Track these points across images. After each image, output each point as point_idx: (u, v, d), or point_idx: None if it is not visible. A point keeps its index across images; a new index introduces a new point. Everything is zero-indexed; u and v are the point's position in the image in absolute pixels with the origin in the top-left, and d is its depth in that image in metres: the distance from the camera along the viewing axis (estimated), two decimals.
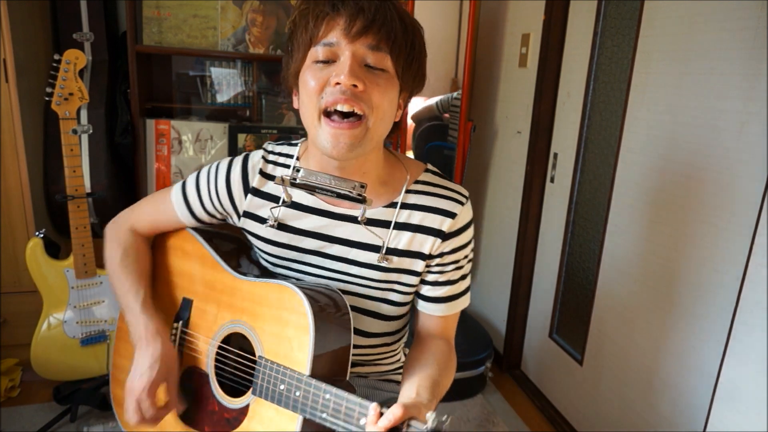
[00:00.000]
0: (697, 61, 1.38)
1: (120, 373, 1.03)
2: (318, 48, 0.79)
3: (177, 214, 0.98)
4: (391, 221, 0.89)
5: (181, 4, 2.02)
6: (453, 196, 0.92)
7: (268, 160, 0.93)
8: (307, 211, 0.90)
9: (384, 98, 0.79)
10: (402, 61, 0.81)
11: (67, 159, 1.60)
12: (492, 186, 2.46)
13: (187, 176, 0.99)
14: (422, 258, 0.90)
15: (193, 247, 0.98)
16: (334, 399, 0.74)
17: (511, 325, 2.28)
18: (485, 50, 2.47)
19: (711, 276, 1.35)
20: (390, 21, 0.78)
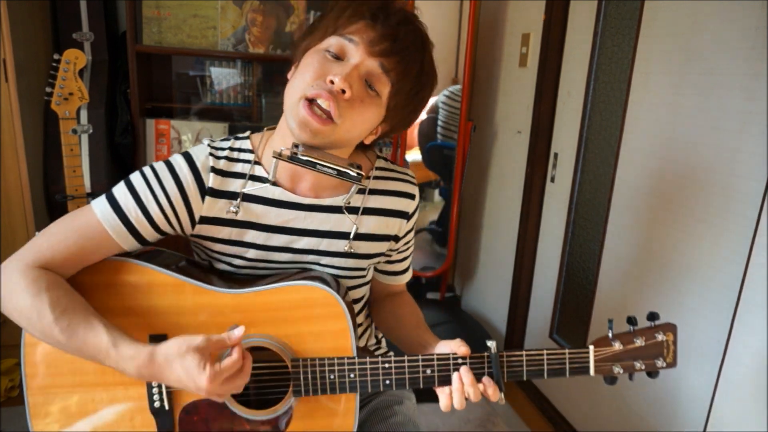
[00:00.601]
0: (697, 61, 1.38)
1: None
2: (336, 39, 0.79)
3: (111, 237, 0.79)
4: (360, 207, 0.91)
5: (181, 4, 2.02)
6: (408, 178, 0.98)
7: (218, 156, 0.85)
8: (274, 204, 0.86)
9: (361, 114, 0.80)
10: (399, 100, 0.82)
11: (67, 159, 1.60)
12: (492, 186, 2.46)
13: (108, 191, 0.82)
14: (392, 240, 0.96)
15: (153, 277, 0.81)
16: (395, 365, 0.82)
17: (511, 325, 2.28)
18: (485, 50, 2.47)
19: (711, 276, 1.35)
20: (412, 61, 0.80)
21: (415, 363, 0.83)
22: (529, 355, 0.87)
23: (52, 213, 2.05)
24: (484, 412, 2.04)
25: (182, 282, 0.82)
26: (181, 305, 0.82)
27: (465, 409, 2.03)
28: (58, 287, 0.77)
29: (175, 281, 0.82)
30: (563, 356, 0.89)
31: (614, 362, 0.90)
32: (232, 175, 0.86)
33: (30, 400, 0.84)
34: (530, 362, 0.87)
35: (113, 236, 0.80)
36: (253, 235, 0.87)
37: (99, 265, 0.82)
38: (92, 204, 0.81)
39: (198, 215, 0.84)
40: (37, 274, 0.77)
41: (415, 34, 0.82)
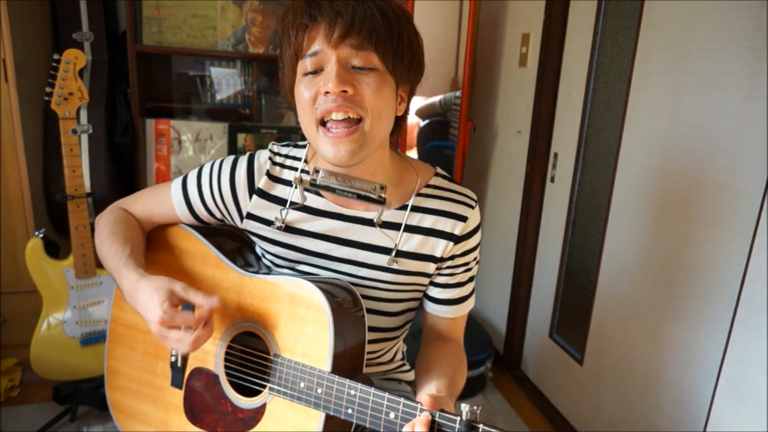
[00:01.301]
0: (697, 61, 1.38)
1: (115, 377, 1.01)
2: (305, 60, 0.79)
3: (174, 208, 0.95)
4: (402, 223, 0.89)
5: (181, 4, 2.02)
6: (463, 200, 0.92)
7: (275, 162, 0.91)
8: (318, 214, 0.89)
9: (378, 97, 0.78)
10: (390, 56, 0.79)
11: (67, 159, 1.60)
12: (492, 186, 2.46)
13: (188, 172, 0.96)
14: (434, 261, 0.91)
15: (192, 245, 0.95)
16: (360, 394, 0.75)
17: (511, 325, 2.28)
18: (485, 50, 2.47)
19: (711, 275, 1.35)
20: (370, 18, 0.77)
21: (380, 401, 0.73)
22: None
23: (52, 213, 2.05)
24: (483, 412, 2.04)
25: (211, 253, 0.93)
26: (206, 274, 0.93)
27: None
28: (124, 221, 0.95)
29: (207, 252, 0.93)
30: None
31: None
32: (281, 181, 0.90)
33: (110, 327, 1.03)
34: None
35: (175, 208, 0.95)
36: (294, 239, 0.90)
37: (170, 228, 0.99)
38: (173, 181, 0.97)
39: (245, 211, 0.91)
40: (117, 210, 0.98)
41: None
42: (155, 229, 0.99)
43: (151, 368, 0.96)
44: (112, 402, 1.01)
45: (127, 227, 0.94)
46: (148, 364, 0.96)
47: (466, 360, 0.96)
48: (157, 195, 0.97)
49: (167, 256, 0.97)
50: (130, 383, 0.98)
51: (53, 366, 1.72)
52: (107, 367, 1.02)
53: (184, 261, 0.96)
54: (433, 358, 0.91)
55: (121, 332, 1.00)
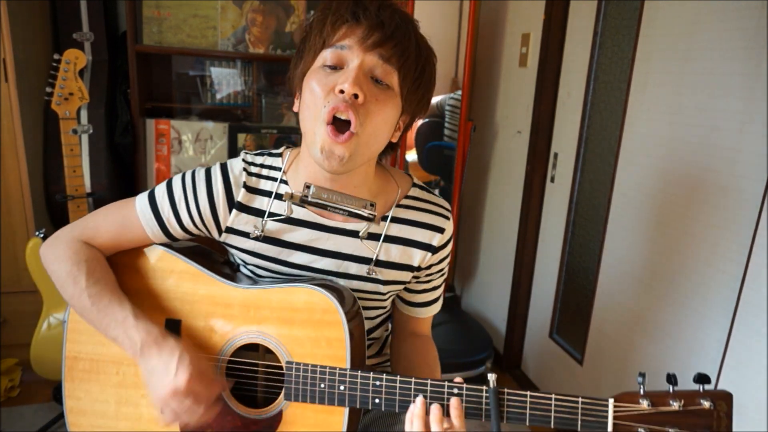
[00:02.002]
0: (697, 61, 1.38)
1: (81, 418, 0.92)
2: (329, 51, 0.78)
3: (145, 231, 0.88)
4: (381, 234, 0.90)
5: (181, 4, 2.02)
6: (440, 211, 0.95)
7: (250, 172, 0.88)
8: (298, 224, 0.88)
9: (380, 114, 0.78)
10: (409, 82, 0.80)
11: (67, 159, 1.60)
12: (492, 186, 2.46)
13: (152, 188, 0.90)
14: (411, 270, 0.94)
15: (167, 263, 0.89)
16: (386, 383, 0.78)
17: (511, 325, 2.28)
18: (485, 50, 2.47)
19: (711, 276, 1.35)
20: (407, 40, 0.79)
21: (407, 386, 0.77)
22: (534, 397, 0.74)
23: (52, 213, 2.05)
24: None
25: (199, 272, 0.88)
26: (195, 293, 0.88)
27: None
28: (95, 261, 0.87)
29: (194, 271, 0.88)
30: (575, 405, 0.74)
31: (639, 424, 0.73)
32: (259, 192, 0.89)
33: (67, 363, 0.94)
34: (535, 406, 0.74)
35: (146, 230, 0.88)
36: (275, 251, 0.89)
37: (138, 250, 0.91)
38: (136, 198, 0.89)
39: (224, 225, 0.89)
40: (79, 247, 0.87)
41: (399, 14, 0.80)
42: (120, 253, 0.92)
43: (132, 399, 0.90)
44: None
45: (104, 273, 0.87)
46: (128, 396, 0.90)
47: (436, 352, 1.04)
48: (120, 220, 0.89)
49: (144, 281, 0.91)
50: (104, 420, 0.91)
51: (53, 366, 1.72)
52: (68, 408, 0.92)
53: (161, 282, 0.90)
54: (412, 357, 0.99)
55: (84, 368, 0.91)
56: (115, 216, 0.89)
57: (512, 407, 0.74)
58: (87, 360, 0.91)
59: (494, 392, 0.74)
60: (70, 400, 0.92)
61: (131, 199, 0.90)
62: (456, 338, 2.23)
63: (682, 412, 0.72)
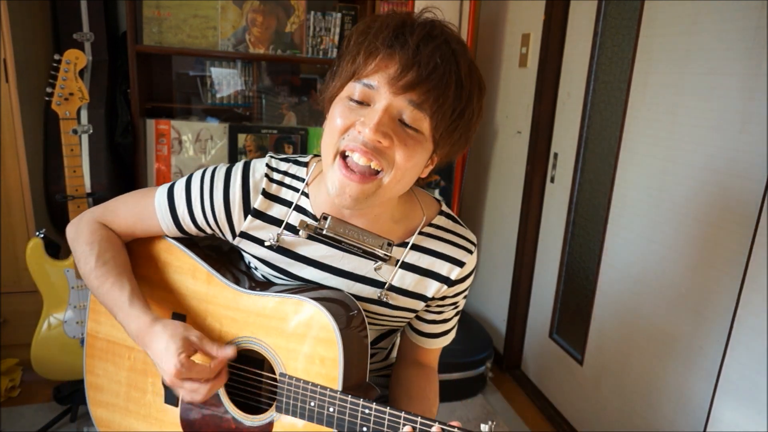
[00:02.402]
0: (697, 61, 1.38)
1: (98, 393, 0.96)
2: (357, 85, 0.72)
3: (159, 224, 0.88)
4: (399, 260, 0.86)
5: (181, 4, 2.02)
6: (464, 244, 0.89)
7: (272, 179, 0.85)
8: (315, 239, 0.85)
9: (408, 160, 0.72)
10: (442, 128, 0.73)
11: (67, 159, 1.60)
12: (492, 186, 2.46)
13: (174, 181, 0.89)
14: (424, 300, 0.90)
15: (179, 259, 0.90)
16: (374, 413, 0.75)
17: (511, 325, 2.28)
18: (485, 50, 2.47)
19: (711, 275, 1.35)
20: (445, 85, 0.70)
21: (397, 419, 0.73)
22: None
23: (52, 213, 2.05)
24: (483, 412, 2.04)
25: (210, 273, 0.88)
26: (203, 292, 0.89)
27: (465, 409, 2.03)
28: (109, 243, 0.88)
29: (205, 271, 0.89)
30: None
31: None
32: (279, 201, 0.85)
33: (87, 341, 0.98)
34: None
35: (161, 224, 0.88)
36: (287, 262, 0.86)
37: (153, 240, 0.92)
38: (157, 191, 0.89)
39: (239, 230, 0.86)
40: (96, 227, 0.90)
41: (441, 49, 0.70)
42: (138, 242, 0.93)
43: (140, 385, 0.92)
44: (98, 419, 0.97)
45: (117, 254, 0.88)
46: (136, 380, 0.93)
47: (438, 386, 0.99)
48: (139, 209, 0.89)
49: (152, 270, 0.93)
50: (117, 400, 0.95)
51: (54, 366, 1.72)
52: (87, 382, 0.97)
53: (170, 275, 0.91)
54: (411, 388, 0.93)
55: (101, 347, 0.96)
56: (135, 204, 0.90)
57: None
58: (104, 340, 0.96)
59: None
60: (90, 375, 0.97)
61: (153, 189, 0.90)
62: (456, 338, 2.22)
63: None
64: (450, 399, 2.09)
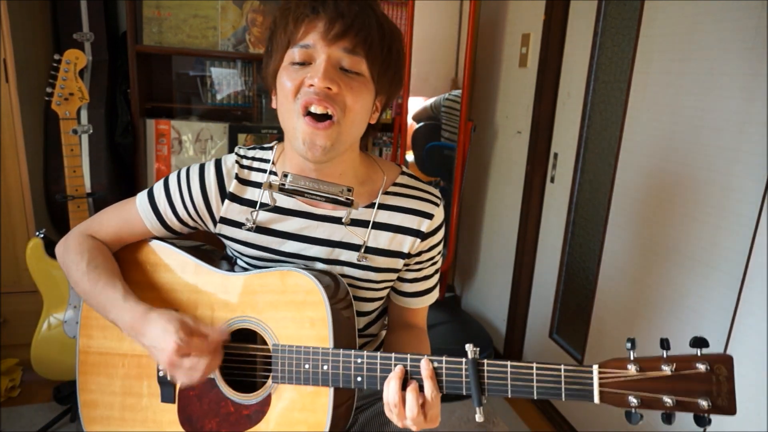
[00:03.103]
0: (697, 61, 1.38)
1: (92, 410, 0.95)
2: (295, 50, 0.80)
3: (144, 224, 0.93)
4: (370, 221, 0.91)
5: (181, 4, 2.02)
6: (429, 197, 0.95)
7: (242, 165, 0.92)
8: (288, 213, 0.90)
9: (357, 101, 0.80)
10: (377, 66, 0.82)
11: (67, 159, 1.60)
12: (492, 186, 2.46)
13: (152, 184, 0.95)
14: (402, 257, 0.94)
15: (168, 257, 0.93)
16: (367, 360, 0.78)
17: (511, 325, 2.28)
18: (485, 50, 2.47)
19: (711, 275, 1.35)
20: (368, 26, 0.79)
21: (388, 361, 0.77)
22: (515, 367, 0.71)
23: (52, 213, 2.05)
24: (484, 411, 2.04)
25: (196, 264, 0.92)
26: (192, 284, 0.91)
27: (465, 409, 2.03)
28: (98, 250, 0.92)
29: (192, 263, 0.92)
30: (558, 374, 0.70)
31: (628, 391, 0.68)
32: (251, 183, 0.91)
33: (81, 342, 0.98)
34: (516, 376, 0.71)
35: (146, 223, 0.93)
36: (266, 240, 0.91)
37: (141, 245, 0.96)
38: (137, 196, 0.95)
39: (218, 216, 0.92)
40: (84, 239, 0.94)
41: (357, 1, 0.81)
42: (126, 249, 0.97)
43: (135, 390, 0.93)
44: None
45: (106, 260, 0.92)
46: (131, 386, 0.94)
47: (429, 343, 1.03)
48: (122, 215, 0.95)
49: (143, 274, 0.95)
50: (112, 412, 0.95)
51: (54, 366, 1.72)
52: (81, 401, 0.97)
53: (156, 275, 0.94)
54: (404, 343, 0.97)
55: (94, 362, 0.96)
56: (118, 212, 0.95)
57: (493, 379, 0.73)
58: (96, 354, 0.96)
59: (473, 363, 0.73)
60: (84, 393, 0.96)
61: (133, 198, 0.95)
62: (456, 338, 2.23)
63: (676, 377, 0.66)
64: (450, 399, 2.09)
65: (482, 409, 0.73)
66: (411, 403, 0.74)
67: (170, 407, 0.91)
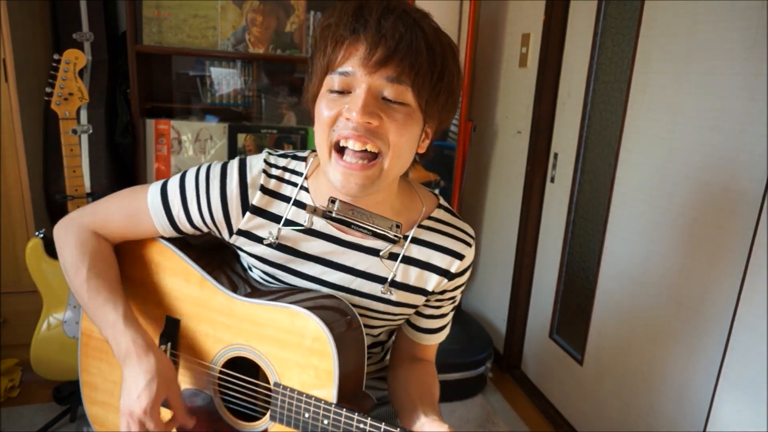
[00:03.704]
0: (697, 61, 1.38)
1: (92, 391, 0.96)
2: (334, 77, 0.73)
3: (154, 224, 0.86)
4: (399, 254, 0.85)
5: (181, 4, 2.02)
6: (463, 237, 0.90)
7: (270, 174, 0.84)
8: (314, 234, 0.84)
9: (402, 136, 0.73)
10: (426, 95, 0.73)
11: (67, 159, 1.60)
12: (492, 186, 2.46)
13: (166, 179, 0.87)
14: (424, 294, 0.89)
15: (173, 261, 0.89)
16: (370, 429, 0.73)
17: (511, 325, 2.28)
18: (485, 50, 2.47)
19: (711, 275, 1.35)
20: (415, 52, 0.71)
21: None
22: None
23: (52, 213, 2.05)
24: (483, 411, 2.04)
25: (204, 278, 0.87)
26: (198, 297, 0.88)
27: (465, 409, 2.03)
28: (101, 255, 0.86)
29: (200, 276, 0.87)
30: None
31: None
32: (278, 196, 0.84)
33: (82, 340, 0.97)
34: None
35: (155, 223, 0.86)
36: (286, 259, 0.85)
37: (146, 241, 0.90)
38: (148, 190, 0.86)
39: (236, 228, 0.85)
40: (87, 237, 0.87)
41: (402, 19, 0.71)
42: (130, 242, 0.92)
43: None
44: (93, 417, 0.96)
45: (108, 268, 0.87)
46: None
47: None
48: (130, 210, 0.87)
49: (144, 272, 0.91)
50: (111, 399, 0.94)
51: (53, 366, 1.72)
52: (83, 381, 0.97)
53: (163, 278, 0.90)
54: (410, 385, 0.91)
55: (96, 346, 0.95)
56: (126, 206, 0.88)
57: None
58: (99, 340, 0.94)
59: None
60: (85, 373, 0.96)
61: (144, 188, 0.87)
62: (456, 338, 2.23)
63: None
64: (450, 399, 2.09)
65: None
66: None
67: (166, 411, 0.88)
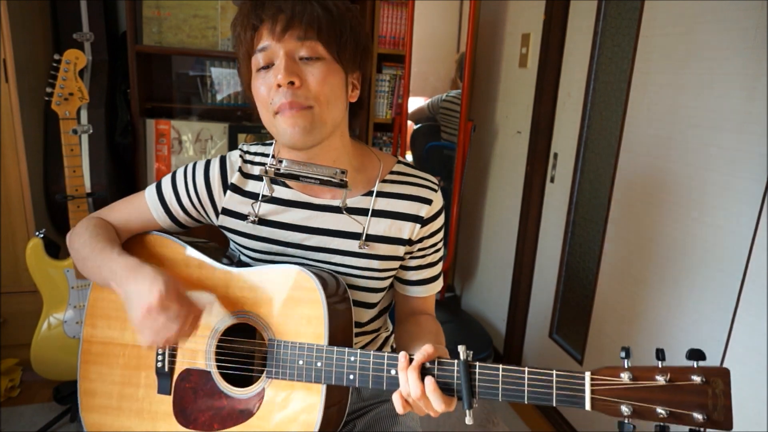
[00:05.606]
0: (697, 61, 1.38)
1: (91, 398, 0.97)
2: (257, 56, 0.83)
3: (151, 213, 0.97)
4: (369, 208, 0.92)
5: (181, 4, 2.02)
6: (427, 184, 0.97)
7: (245, 159, 0.96)
8: (288, 204, 0.92)
9: (324, 85, 0.82)
10: (334, 44, 0.83)
11: (67, 159, 1.60)
12: (492, 186, 2.46)
13: (156, 182, 0.99)
14: (403, 243, 0.94)
15: (173, 251, 0.96)
16: (360, 358, 0.78)
17: (511, 325, 2.28)
18: (485, 50, 2.47)
19: (711, 275, 1.35)
20: (311, 10, 0.81)
21: (380, 361, 0.77)
22: (507, 370, 0.70)
23: (52, 213, 2.05)
24: (484, 411, 2.04)
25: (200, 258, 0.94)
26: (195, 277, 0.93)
27: None
28: (102, 226, 0.95)
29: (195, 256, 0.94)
30: (549, 379, 0.69)
31: (620, 400, 0.68)
32: (252, 177, 0.94)
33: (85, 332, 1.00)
34: (508, 380, 0.70)
35: (152, 213, 0.97)
36: (268, 231, 0.93)
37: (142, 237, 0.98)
38: (147, 188, 0.99)
39: (220, 206, 0.95)
40: (92, 218, 0.98)
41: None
42: (134, 240, 0.99)
43: (133, 380, 0.95)
44: (89, 424, 0.98)
45: (108, 232, 0.95)
46: (130, 377, 0.95)
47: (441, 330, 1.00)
48: (132, 203, 0.99)
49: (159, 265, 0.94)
50: (109, 401, 0.96)
51: (53, 366, 1.72)
52: (81, 389, 0.98)
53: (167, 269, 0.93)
54: (413, 330, 0.96)
55: (96, 351, 0.98)
56: (129, 202, 1.00)
57: (484, 382, 0.72)
58: (99, 344, 0.97)
59: (465, 366, 0.72)
60: (84, 381, 0.98)
61: (142, 191, 1.00)
62: (456, 338, 2.23)
63: (670, 388, 0.63)
64: None
65: (471, 412, 0.71)
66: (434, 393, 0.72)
67: (166, 399, 0.92)
